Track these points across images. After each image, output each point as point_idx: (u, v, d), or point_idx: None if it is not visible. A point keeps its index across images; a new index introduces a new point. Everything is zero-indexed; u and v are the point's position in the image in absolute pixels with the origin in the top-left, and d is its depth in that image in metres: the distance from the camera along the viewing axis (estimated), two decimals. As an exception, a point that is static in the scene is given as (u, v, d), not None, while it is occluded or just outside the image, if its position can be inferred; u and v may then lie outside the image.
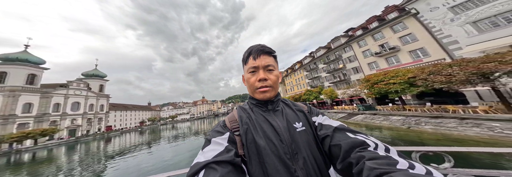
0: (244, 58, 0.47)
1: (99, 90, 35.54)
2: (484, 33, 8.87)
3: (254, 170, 0.36)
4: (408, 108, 10.02)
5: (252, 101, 0.49)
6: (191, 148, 10.66)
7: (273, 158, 0.36)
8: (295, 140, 0.39)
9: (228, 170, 0.30)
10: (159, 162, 7.97)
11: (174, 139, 15.69)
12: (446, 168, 0.57)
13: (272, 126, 0.42)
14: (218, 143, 0.37)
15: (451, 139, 6.15)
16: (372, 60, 15.54)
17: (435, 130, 7.20)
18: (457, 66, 6.88)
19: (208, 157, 0.32)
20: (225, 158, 0.32)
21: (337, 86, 20.75)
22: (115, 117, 40.93)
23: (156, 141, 15.99)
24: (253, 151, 0.38)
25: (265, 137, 0.40)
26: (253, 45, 0.47)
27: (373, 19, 16.58)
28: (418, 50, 11.96)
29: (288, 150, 0.38)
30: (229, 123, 0.43)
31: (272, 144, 0.38)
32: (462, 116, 6.99)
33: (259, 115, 0.45)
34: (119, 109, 43.20)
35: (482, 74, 6.21)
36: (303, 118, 0.46)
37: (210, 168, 0.30)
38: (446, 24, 10.36)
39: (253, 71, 0.44)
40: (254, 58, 0.44)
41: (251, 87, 0.45)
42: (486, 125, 6.07)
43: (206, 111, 78.66)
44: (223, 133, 0.40)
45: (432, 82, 7.52)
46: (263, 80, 0.43)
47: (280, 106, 0.49)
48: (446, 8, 10.30)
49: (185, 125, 38.31)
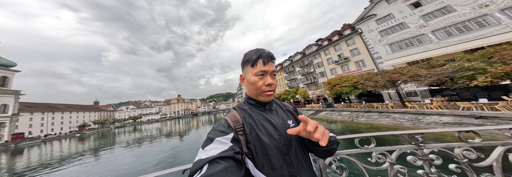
0: (251, 61, 0.48)
1: (1, 85, 25.03)
2: (395, 53, 12.95)
3: (260, 162, 0.41)
4: (352, 105, 13.29)
5: (251, 101, 0.52)
6: (161, 151, 9.24)
7: (275, 150, 0.42)
8: (290, 134, 0.44)
9: (231, 164, 0.33)
10: (112, 171, 6.51)
11: (136, 143, 13.36)
12: (372, 147, 0.82)
13: (272, 124, 0.47)
14: (221, 142, 0.38)
15: (375, 127, 8.79)
16: (333, 67, 19.15)
17: (366, 121, 9.98)
18: (380, 75, 9.80)
19: (211, 154, 0.34)
20: (228, 154, 0.35)
21: (309, 87, 24.06)
22: (31, 121, 30.72)
23: (106, 148, 13.10)
24: (258, 147, 0.43)
25: (267, 134, 0.45)
26: (259, 48, 0.50)
27: (335, 33, 20.35)
28: (360, 61, 15.87)
29: (285, 142, 0.45)
30: (233, 123, 0.45)
31: (273, 139, 0.44)
32: (380, 110, 9.96)
33: (258, 115, 0.50)
34: (41, 110, 32.60)
35: (392, 81, 9.17)
36: (292, 116, 0.55)
37: (214, 162, 0.33)
38: (376, 43, 14.30)
39: (261, 75, 0.47)
40: (264, 63, 0.47)
41: (258, 90, 0.48)
42: (392, 116, 9.01)
43: (182, 110, 72.30)
44: (227, 133, 0.41)
45: (366, 86, 10.30)
46: (270, 85, 0.47)
47: (274, 106, 0.56)
48: (377, 31, 14.19)
49: (154, 126, 33.18)
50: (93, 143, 16.79)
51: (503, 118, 5.52)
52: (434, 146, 0.80)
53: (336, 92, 13.14)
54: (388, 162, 0.79)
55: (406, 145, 0.83)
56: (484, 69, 6.30)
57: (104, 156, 9.94)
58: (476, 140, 0.79)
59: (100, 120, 41.49)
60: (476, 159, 0.76)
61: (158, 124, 39.37)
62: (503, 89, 7.91)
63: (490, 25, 8.67)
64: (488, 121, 5.79)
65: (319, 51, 21.50)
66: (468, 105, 6.90)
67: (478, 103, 6.77)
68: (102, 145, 14.60)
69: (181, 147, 9.71)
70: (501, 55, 6.12)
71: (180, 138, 13.66)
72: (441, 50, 9.86)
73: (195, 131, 17.17)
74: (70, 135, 30.94)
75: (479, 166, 0.75)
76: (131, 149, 11.07)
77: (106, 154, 10.48)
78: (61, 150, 14.70)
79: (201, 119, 40.14)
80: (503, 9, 8.25)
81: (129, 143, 13.74)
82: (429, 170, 0.76)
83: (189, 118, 53.78)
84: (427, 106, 8.37)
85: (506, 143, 0.78)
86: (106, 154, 10.33)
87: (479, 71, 6.44)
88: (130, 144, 13.34)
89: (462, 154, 0.76)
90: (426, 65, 9.76)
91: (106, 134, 26.42)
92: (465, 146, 0.78)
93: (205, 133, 14.90)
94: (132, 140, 15.26)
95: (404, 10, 12.43)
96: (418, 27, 11.63)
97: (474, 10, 9.18)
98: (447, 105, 7.93)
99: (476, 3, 9.13)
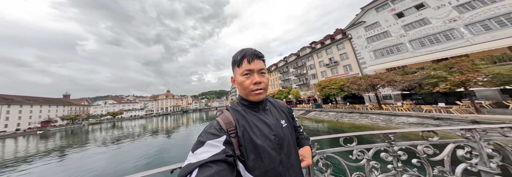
0: (237, 61, 0.48)
1: None
2: (377, 59, 14.04)
3: (252, 165, 0.40)
4: (338, 107, 14.30)
5: (244, 102, 0.52)
6: (144, 149, 8.49)
7: (268, 150, 0.42)
8: (283, 134, 0.47)
9: (222, 168, 0.32)
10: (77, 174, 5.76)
11: (113, 142, 11.98)
12: (353, 146, 0.91)
13: (267, 124, 0.48)
14: (213, 145, 0.37)
15: (356, 126, 9.66)
16: (324, 69, 20.11)
17: (349, 121, 10.88)
18: (363, 79, 10.66)
19: (201, 158, 0.33)
20: (220, 157, 0.34)
21: (301, 88, 24.99)
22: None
23: (76, 146, 11.60)
24: (250, 150, 0.42)
25: (262, 135, 0.44)
26: (244, 48, 0.50)
27: (328, 37, 21.23)
28: (348, 65, 16.95)
29: (279, 141, 0.45)
30: (225, 125, 0.44)
31: (268, 140, 0.44)
32: (361, 111, 10.90)
33: (252, 116, 0.49)
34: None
35: (372, 85, 10.06)
36: (285, 116, 0.56)
37: (205, 166, 0.32)
38: (362, 49, 15.32)
39: (247, 74, 0.46)
40: (249, 61, 0.46)
41: (246, 89, 0.47)
42: (370, 117, 9.94)
43: (171, 107, 69.01)
44: (219, 135, 0.40)
45: (351, 89, 11.14)
46: (258, 83, 0.46)
47: (268, 106, 0.55)
48: (365, 38, 15.19)
49: (137, 123, 30.75)
50: (59, 142, 14.48)
51: (454, 120, 6.53)
52: (402, 143, 0.91)
53: (325, 94, 14.00)
54: (365, 159, 0.88)
55: (381, 143, 0.93)
56: (445, 78, 7.28)
57: (69, 156, 8.69)
58: (434, 138, 0.92)
59: (70, 116, 35.77)
60: (433, 154, 0.88)
61: (142, 121, 36.60)
62: (458, 95, 9.19)
63: (455, 38, 9.86)
64: (443, 122, 6.79)
65: (312, 53, 22.33)
66: (429, 108, 7.96)
67: (437, 107, 7.85)
68: (67, 144, 12.80)
69: (167, 145, 9.33)
70: (459, 66, 7.11)
71: (167, 135, 13.03)
72: (414, 59, 11.04)
73: (184, 129, 16.60)
74: (30, 132, 26.67)
75: (434, 160, 0.88)
76: (106, 148, 9.94)
77: (72, 154, 9.23)
78: (16, 149, 12.77)
79: (191, 116, 39.01)
80: (467, 25, 9.42)
81: (105, 142, 12.23)
82: (396, 164, 0.86)
83: (179, 115, 51.00)
84: (398, 108, 9.41)
85: (457, 141, 0.93)
86: (72, 155, 9.06)
87: (441, 79, 7.42)
88: (107, 142, 11.94)
89: (423, 150, 0.88)
90: (401, 72, 10.83)
91: (77, 132, 23.18)
92: (426, 143, 0.90)
93: (195, 130, 14.60)
94: (111, 138, 13.81)
95: (390, 19, 13.46)
96: (398, 36, 12.73)
97: (445, 24, 10.33)
98: (414, 108, 9.01)
99: (447, 18, 10.28)
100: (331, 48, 19.34)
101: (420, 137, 0.94)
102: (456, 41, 9.73)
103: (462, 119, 6.22)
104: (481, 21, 8.90)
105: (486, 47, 8.10)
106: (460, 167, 0.87)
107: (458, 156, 0.90)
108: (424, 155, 0.88)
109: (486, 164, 0.88)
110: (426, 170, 0.86)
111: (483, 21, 8.86)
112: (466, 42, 9.31)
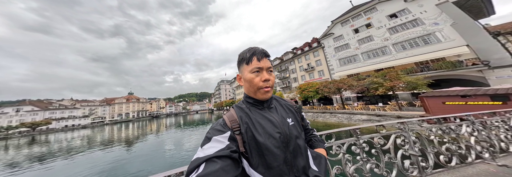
0: (246, 58, 0.49)
1: None
2: (342, 66, 17.34)
3: (255, 162, 0.42)
4: (314, 107, 16.87)
5: (249, 100, 0.52)
6: (87, 168, 6.74)
7: (271, 148, 0.42)
8: (289, 132, 0.47)
9: (227, 163, 0.34)
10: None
11: (31, 160, 9.37)
12: (333, 141, 1.05)
13: (271, 122, 0.48)
14: (218, 141, 0.39)
15: (328, 124, 11.89)
16: (303, 74, 22.92)
17: (322, 120, 13.16)
18: (332, 84, 13.04)
19: (208, 153, 0.35)
20: (225, 153, 0.35)
21: (284, 90, 27.40)
22: None
23: None
24: (253, 147, 0.42)
25: (265, 133, 0.44)
26: (252, 47, 0.51)
27: (306, 44, 24.11)
28: (321, 71, 20.17)
29: (284, 140, 0.45)
30: (230, 122, 0.46)
31: (272, 138, 0.44)
32: (330, 111, 13.32)
33: (256, 114, 0.49)
34: None
35: (338, 89, 12.50)
36: (292, 115, 0.55)
37: (211, 162, 0.33)
38: (332, 57, 18.45)
39: (257, 71, 0.47)
40: (258, 59, 0.47)
41: (254, 86, 0.48)
42: (337, 116, 12.34)
43: (134, 112, 58.78)
44: (224, 131, 0.42)
45: (324, 91, 13.39)
46: (267, 80, 0.47)
47: (273, 104, 0.56)
48: (333, 47, 18.33)
49: (76, 134, 23.60)
50: None
51: (388, 116, 9.25)
52: (364, 137, 1.11)
53: (305, 96, 16.13)
54: (342, 153, 1.01)
55: (351, 138, 1.10)
56: (381, 84, 10.12)
57: None
58: (383, 131, 1.13)
59: None
60: (383, 144, 1.10)
61: (86, 131, 28.25)
62: (389, 97, 12.76)
63: (387, 54, 13.59)
64: (382, 118, 9.48)
65: (294, 58, 24.88)
66: (373, 107, 10.86)
67: (378, 106, 10.78)
68: None
69: (129, 158, 7.85)
70: (389, 75, 10.06)
71: (127, 146, 10.90)
72: (364, 68, 14.59)
73: (153, 137, 14.26)
74: None
75: (384, 149, 1.10)
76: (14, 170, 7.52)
77: None
78: None
79: (163, 122, 33.58)
80: (394, 44, 13.14)
81: (11, 164, 8.96)
82: (362, 155, 1.03)
83: (145, 121, 42.83)
84: (355, 108, 12.24)
85: (396, 132, 1.19)
86: None
87: (379, 84, 10.26)
88: (15, 163, 8.85)
89: (377, 142, 1.09)
90: (356, 78, 13.97)
91: None
92: (379, 135, 1.11)
93: (168, 137, 13.53)
94: (25, 157, 10.34)
95: (350, 33, 16.87)
96: (355, 49, 16.18)
97: (382, 42, 13.98)
98: (364, 107, 11.98)
99: (383, 37, 13.93)
100: (308, 54, 22.13)
101: (374, 131, 1.16)
102: (387, 56, 13.43)
103: (392, 115, 8.91)
104: (401, 42, 12.67)
105: (403, 62, 11.75)
106: (399, 152, 1.12)
107: (397, 144, 1.13)
108: (378, 145, 1.09)
109: (413, 149, 1.14)
110: (380, 158, 1.07)
111: (402, 42, 12.64)
112: (393, 57, 13.04)
